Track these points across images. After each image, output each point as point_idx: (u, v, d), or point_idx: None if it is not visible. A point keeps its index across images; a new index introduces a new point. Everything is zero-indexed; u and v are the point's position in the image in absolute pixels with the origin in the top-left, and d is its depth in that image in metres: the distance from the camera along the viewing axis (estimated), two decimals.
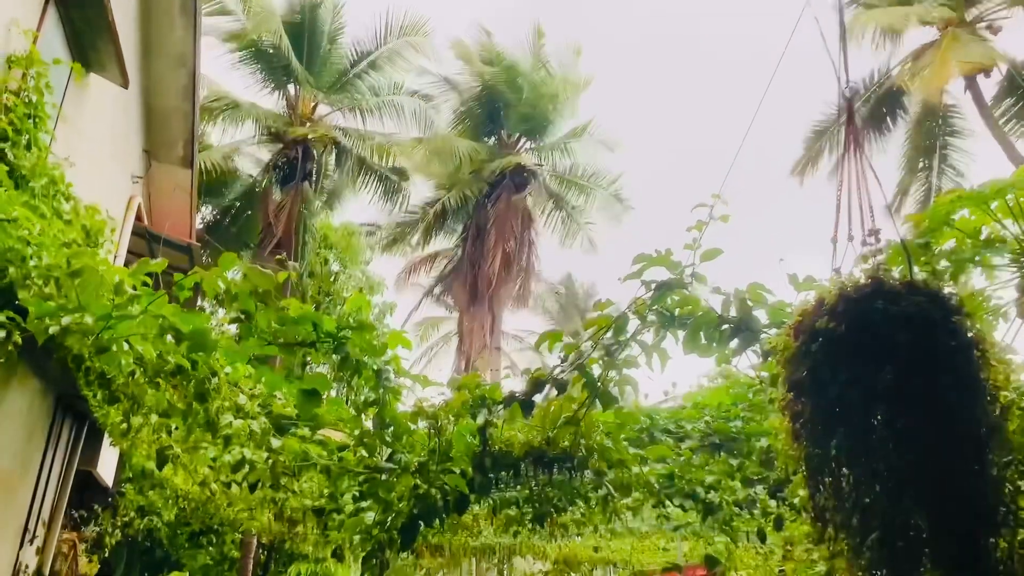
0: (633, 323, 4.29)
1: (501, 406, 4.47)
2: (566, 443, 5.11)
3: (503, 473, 5.38)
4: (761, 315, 4.11)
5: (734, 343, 4.10)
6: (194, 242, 13.54)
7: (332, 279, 23.96)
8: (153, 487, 13.08)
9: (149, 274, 4.15)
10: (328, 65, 23.42)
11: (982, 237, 10.30)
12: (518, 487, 7.01)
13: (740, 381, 6.88)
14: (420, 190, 26.90)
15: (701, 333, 4.15)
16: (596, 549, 15.58)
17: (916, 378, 2.32)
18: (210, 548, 16.39)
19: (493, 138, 27.02)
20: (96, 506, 12.31)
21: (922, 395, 2.32)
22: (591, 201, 27.34)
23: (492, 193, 25.83)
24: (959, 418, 2.34)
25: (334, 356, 3.99)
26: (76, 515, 11.65)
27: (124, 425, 6.59)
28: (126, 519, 13.52)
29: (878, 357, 2.35)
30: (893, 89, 21.91)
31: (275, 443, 5.11)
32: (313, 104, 23.55)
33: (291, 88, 23.28)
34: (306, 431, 5.27)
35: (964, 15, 20.87)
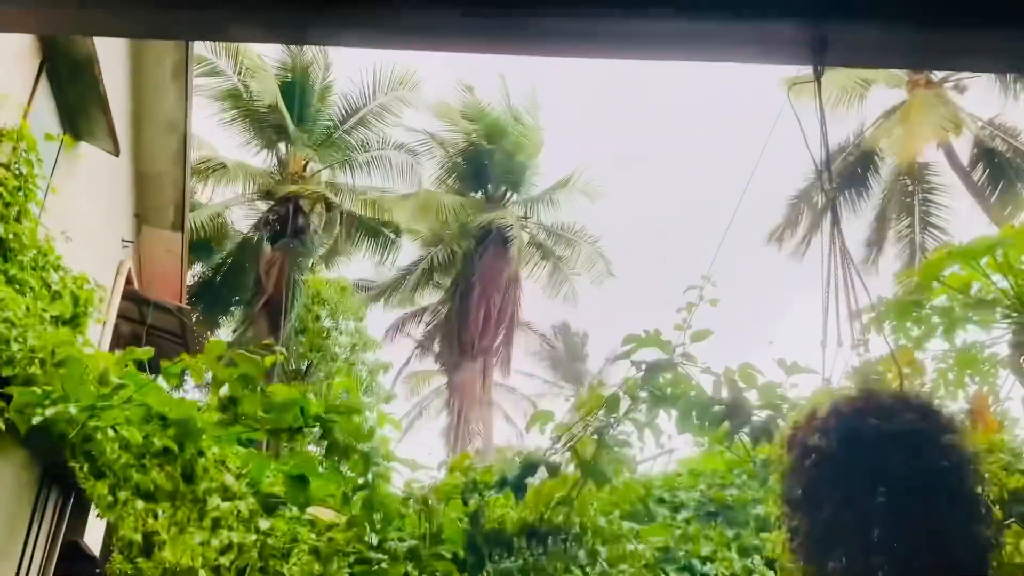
0: (626, 401, 4.27)
1: (493, 490, 4.41)
2: (560, 520, 5.04)
3: (496, 550, 5.29)
4: (752, 395, 4.09)
5: (726, 424, 4.08)
6: (184, 305, 13.50)
7: (324, 335, 23.85)
8: (141, 554, 12.82)
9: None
10: (318, 122, 23.60)
11: (972, 292, 10.27)
12: (512, 559, 6.89)
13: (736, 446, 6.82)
14: (410, 245, 26.97)
15: (693, 413, 4.13)
16: None
17: (910, 499, 2.28)
18: None
19: (480, 192, 27.18)
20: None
21: (917, 516, 2.28)
22: (576, 254, 27.46)
23: (479, 247, 25.90)
24: (954, 539, 2.30)
25: (321, 441, 3.93)
26: None
27: (111, 498, 6.49)
28: None
29: (872, 477, 2.32)
30: (866, 151, 21.96)
31: (264, 524, 5.01)
32: (304, 161, 23.71)
33: (282, 146, 23.45)
34: (295, 510, 5.18)
35: (930, 76, 20.96)
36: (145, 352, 3.95)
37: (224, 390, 3.63)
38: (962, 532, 2.29)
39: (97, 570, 12.38)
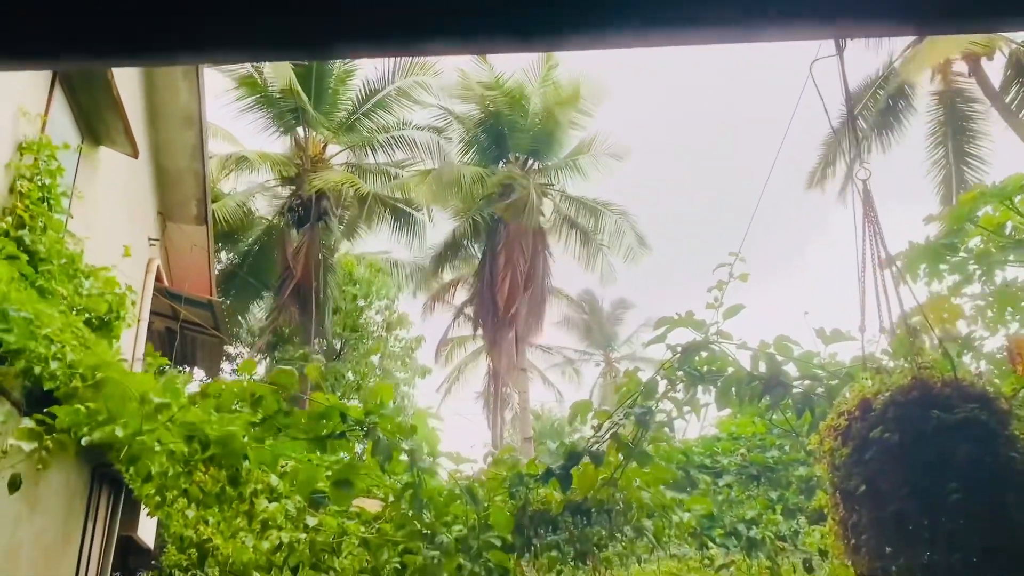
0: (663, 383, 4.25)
1: (538, 480, 4.42)
2: (604, 497, 5.06)
3: (542, 528, 5.33)
4: (790, 368, 4.05)
5: (766, 398, 4.05)
6: (215, 298, 13.62)
7: (357, 314, 24.02)
8: (193, 547, 13.10)
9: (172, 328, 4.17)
10: (336, 105, 23.44)
11: (1006, 232, 10.03)
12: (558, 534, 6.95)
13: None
14: (436, 220, 26.89)
15: (732, 389, 4.10)
16: None
17: (982, 491, 2.22)
18: None
19: (501, 162, 26.92)
20: (140, 568, 12.36)
21: (989, 508, 2.22)
22: (603, 225, 27.03)
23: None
24: (1020, 528, 2.24)
25: (365, 441, 3.96)
26: None
27: (159, 498, 6.62)
28: None
29: (939, 469, 2.25)
30: (898, 85, 21.46)
31: (311, 521, 5.08)
32: (323, 144, 23.65)
33: (300, 130, 23.36)
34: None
35: None
36: (186, 378, 3.99)
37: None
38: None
39: (152, 562, 12.70)
